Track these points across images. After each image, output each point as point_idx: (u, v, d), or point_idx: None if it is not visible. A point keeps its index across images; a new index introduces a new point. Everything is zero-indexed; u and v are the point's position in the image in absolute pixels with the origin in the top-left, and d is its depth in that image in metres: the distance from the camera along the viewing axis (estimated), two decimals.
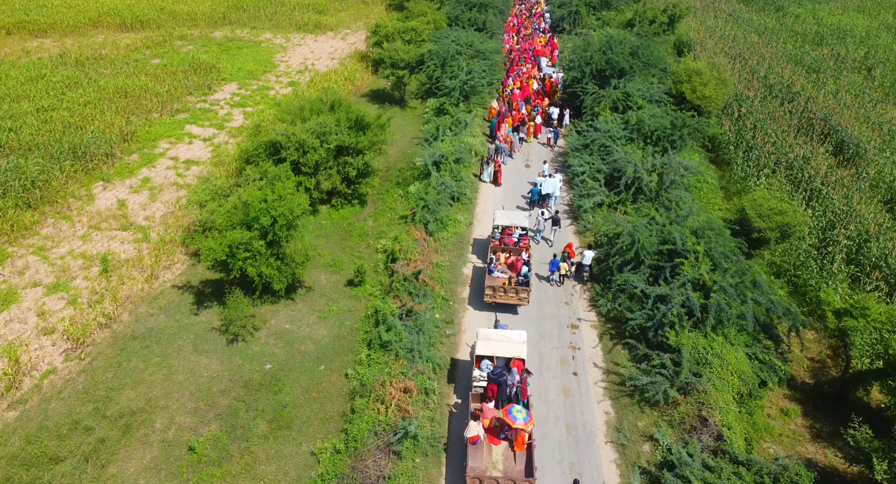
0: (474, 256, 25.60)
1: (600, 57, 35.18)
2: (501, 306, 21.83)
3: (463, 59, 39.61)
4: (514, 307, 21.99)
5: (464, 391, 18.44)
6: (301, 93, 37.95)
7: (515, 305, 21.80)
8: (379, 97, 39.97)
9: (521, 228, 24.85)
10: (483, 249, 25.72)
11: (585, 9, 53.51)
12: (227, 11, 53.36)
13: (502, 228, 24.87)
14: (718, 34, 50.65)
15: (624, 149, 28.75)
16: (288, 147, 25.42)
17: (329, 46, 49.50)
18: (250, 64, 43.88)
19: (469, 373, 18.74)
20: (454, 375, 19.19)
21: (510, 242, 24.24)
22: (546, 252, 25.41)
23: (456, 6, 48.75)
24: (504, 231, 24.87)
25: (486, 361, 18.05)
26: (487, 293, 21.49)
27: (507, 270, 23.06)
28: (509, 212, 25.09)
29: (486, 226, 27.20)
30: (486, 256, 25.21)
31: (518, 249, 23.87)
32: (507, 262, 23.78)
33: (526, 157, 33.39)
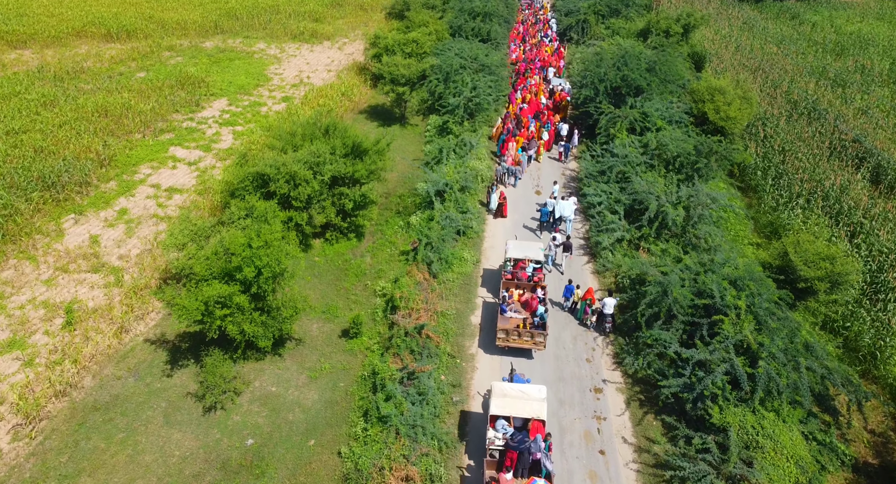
0: (484, 289, 23.50)
1: (615, 73, 32.78)
2: (515, 350, 19.84)
3: (467, 73, 37.25)
4: (528, 351, 19.95)
5: (476, 452, 16.16)
6: (295, 110, 35.54)
7: (530, 349, 19.82)
8: (378, 114, 37.58)
9: (536, 262, 22.83)
10: (493, 282, 23.62)
11: (594, 17, 51.14)
12: (219, 20, 50.99)
13: (515, 261, 22.88)
14: (734, 44, 48.27)
15: (644, 177, 26.34)
16: (277, 179, 23.01)
17: (325, 57, 47.12)
18: (242, 77, 41.48)
19: (482, 430, 16.61)
20: (465, 431, 16.98)
21: (523, 277, 22.31)
22: (558, 280, 23.61)
23: (459, 15, 46.40)
24: (517, 264, 22.90)
25: (501, 421, 15.90)
26: (500, 337, 19.54)
27: (521, 309, 21.15)
28: (523, 243, 23.05)
29: (496, 260, 24.86)
30: (496, 289, 23.27)
31: (532, 285, 21.93)
32: (521, 299, 21.77)
33: (536, 183, 30.96)
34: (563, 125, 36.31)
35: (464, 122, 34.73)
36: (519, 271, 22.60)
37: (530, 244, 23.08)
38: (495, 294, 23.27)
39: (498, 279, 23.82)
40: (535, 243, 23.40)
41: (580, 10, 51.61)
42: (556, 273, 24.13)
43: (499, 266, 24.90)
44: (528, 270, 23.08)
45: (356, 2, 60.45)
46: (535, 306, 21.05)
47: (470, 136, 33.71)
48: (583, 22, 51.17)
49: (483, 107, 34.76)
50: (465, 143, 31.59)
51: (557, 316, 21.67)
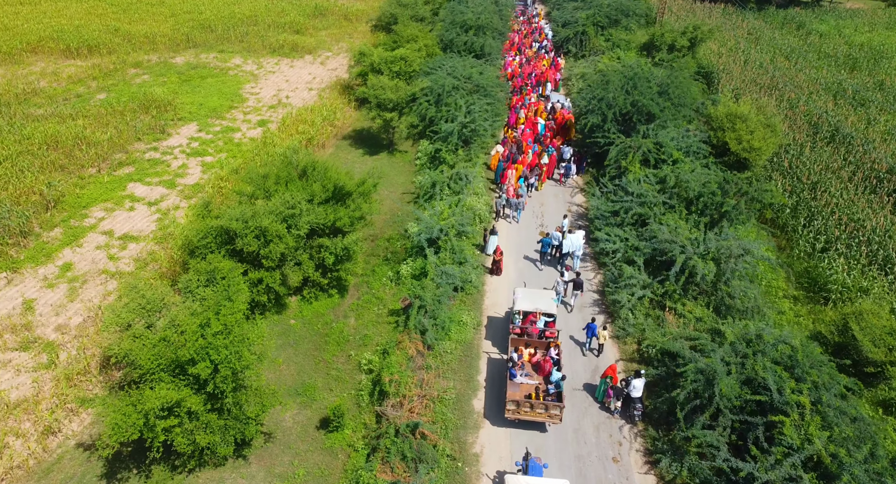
0: (488, 342, 20.72)
1: (624, 98, 29.68)
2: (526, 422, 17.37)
3: (460, 94, 34.01)
4: (541, 423, 17.37)
5: None
6: (271, 138, 32.08)
7: (544, 422, 17.27)
8: (364, 140, 34.24)
9: (548, 315, 20.03)
10: (498, 334, 20.92)
11: (593, 29, 48.13)
12: (191, 32, 47.34)
13: (524, 314, 20.10)
14: (742, 57, 45.48)
15: (665, 221, 23.26)
16: (245, 234, 19.62)
17: (306, 73, 43.68)
18: (214, 98, 37.94)
19: None
20: None
21: (534, 332, 19.61)
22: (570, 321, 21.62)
23: (450, 28, 43.17)
24: (526, 317, 20.11)
25: None
26: (509, 409, 16.98)
27: (532, 373, 18.68)
28: (532, 292, 20.30)
29: (499, 314, 21.75)
30: (501, 341, 20.56)
31: (545, 343, 19.22)
32: (533, 360, 19.09)
33: (539, 219, 27.78)
34: (566, 149, 33.36)
35: (458, 150, 31.51)
36: (529, 325, 19.88)
37: (541, 293, 20.30)
38: (501, 347, 20.47)
39: (503, 331, 21.05)
40: (547, 293, 20.56)
41: (578, 22, 48.56)
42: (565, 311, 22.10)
43: (505, 313, 22.01)
44: (538, 323, 20.21)
45: (340, 11, 57.06)
46: (548, 370, 18.45)
47: (465, 167, 30.54)
48: (581, 34, 48.13)
49: (479, 133, 31.55)
50: (460, 177, 28.35)
51: (576, 396, 18.45)
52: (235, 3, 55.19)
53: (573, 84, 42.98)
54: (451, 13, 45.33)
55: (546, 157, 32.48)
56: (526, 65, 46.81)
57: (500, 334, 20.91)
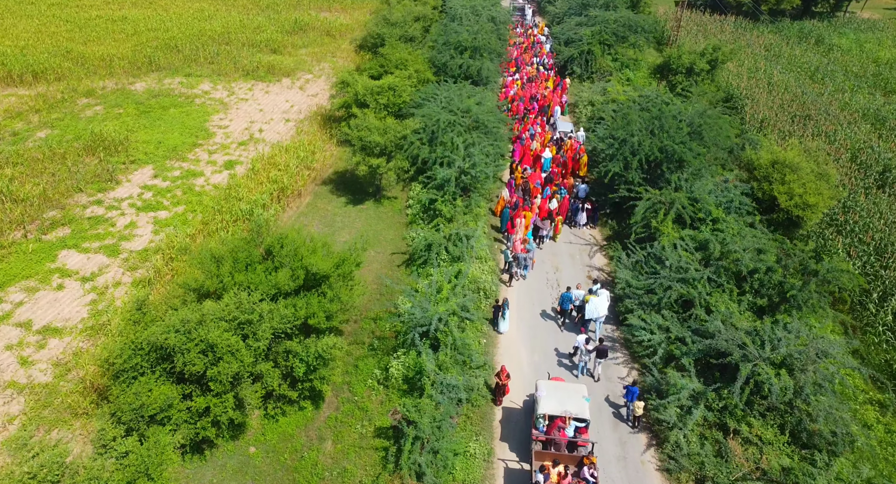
0: (504, 444, 16.96)
1: (650, 142, 25.33)
2: None
3: (457, 132, 29.58)
4: None
5: None
6: (237, 189, 27.39)
7: None
8: (346, 185, 29.65)
9: (580, 420, 16.34)
10: (517, 432, 17.29)
11: (599, 47, 43.86)
12: (155, 54, 42.48)
13: (550, 419, 16.41)
14: (765, 78, 41.40)
15: (714, 304, 18.90)
16: (188, 350, 15.03)
17: (283, 100, 39.01)
18: (175, 134, 33.17)
19: None
20: None
21: (562, 438, 15.95)
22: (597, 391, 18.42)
23: (443, 50, 38.70)
24: (553, 422, 16.35)
25: None
26: None
27: None
28: (559, 387, 16.65)
29: (516, 404, 17.49)
30: (519, 442, 16.92)
31: (576, 458, 15.59)
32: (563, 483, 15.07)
33: (553, 275, 23.38)
34: (581, 187, 29.26)
35: (456, 198, 27.05)
36: (556, 432, 16.11)
37: (570, 390, 16.51)
38: (519, 451, 16.64)
39: (523, 429, 17.21)
40: (577, 389, 16.65)
41: (582, 40, 44.25)
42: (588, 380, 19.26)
43: (523, 403, 18.33)
44: (568, 429, 16.32)
45: (322, 26, 52.40)
46: None
47: (465, 220, 26.16)
48: (587, 53, 43.83)
49: (480, 180, 27.10)
50: (460, 238, 23.84)
51: None
52: (206, 20, 50.38)
53: (580, 111, 38.69)
54: (445, 32, 40.86)
55: (555, 202, 28.23)
56: (528, 85, 42.48)
57: (518, 435, 17.03)
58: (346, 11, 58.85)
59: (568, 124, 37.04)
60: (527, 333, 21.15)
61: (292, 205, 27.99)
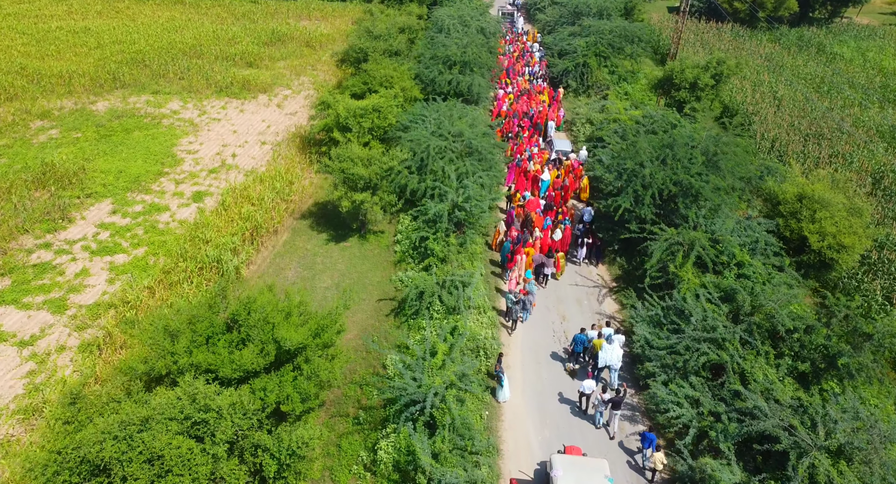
0: None
1: (662, 174, 22.89)
2: None
3: (448, 159, 27.00)
4: None
5: None
6: (204, 228, 24.51)
7: None
8: (328, 218, 26.91)
9: None
10: None
11: (595, 60, 41.51)
12: (119, 69, 39.35)
13: None
14: (769, 92, 39.34)
15: (748, 370, 16.47)
16: (128, 460, 12.24)
17: (259, 120, 36.14)
18: (139, 161, 30.20)
19: None
20: None
21: None
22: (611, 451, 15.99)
23: (430, 65, 36.07)
24: None
25: None
26: None
27: None
28: (577, 464, 14.89)
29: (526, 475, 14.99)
30: None
31: None
32: None
33: (559, 319, 20.88)
34: (586, 210, 27.12)
35: (449, 235, 24.47)
36: None
37: (589, 468, 14.66)
38: None
39: None
40: (598, 465, 14.78)
41: (577, 52, 41.90)
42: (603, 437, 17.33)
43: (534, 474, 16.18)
44: None
45: (301, 37, 49.52)
46: None
47: (460, 262, 23.63)
48: (582, 66, 41.47)
49: (475, 214, 24.51)
50: (455, 285, 21.22)
51: None
52: (176, 31, 47.25)
53: (578, 129, 36.30)
54: (432, 46, 38.24)
55: (559, 232, 25.80)
56: (521, 99, 39.96)
57: None
58: (326, 19, 56.03)
59: (566, 142, 34.66)
60: (533, 400, 18.60)
61: (267, 244, 25.21)
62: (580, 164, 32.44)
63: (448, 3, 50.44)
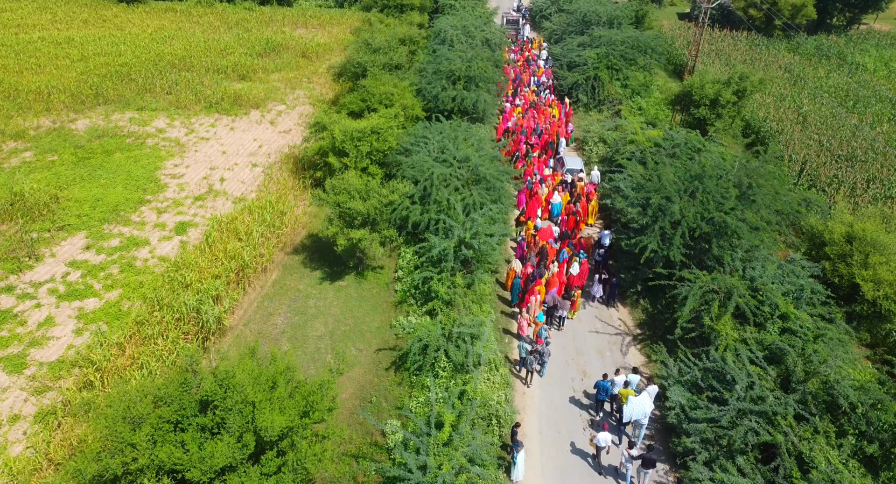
0: None
1: (693, 210, 20.56)
2: None
3: (453, 187, 24.74)
4: None
5: None
6: (185, 267, 22.19)
7: None
8: (322, 253, 24.60)
9: None
10: None
11: (607, 73, 39.24)
12: (102, 84, 37.05)
13: None
14: (792, 106, 37.02)
15: (812, 459, 14.15)
16: None
17: (250, 139, 33.85)
18: (118, 188, 27.90)
19: None
20: None
21: None
22: None
23: (433, 80, 33.77)
24: None
25: None
26: None
27: None
28: None
29: None
30: None
31: None
32: None
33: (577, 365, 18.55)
34: (603, 234, 25.19)
35: (455, 273, 22.19)
36: None
37: None
38: None
39: None
40: None
41: (587, 64, 39.62)
42: None
43: None
44: None
45: (297, 46, 47.21)
46: None
47: (468, 305, 21.36)
48: (593, 79, 39.19)
49: (485, 253, 22.20)
50: (463, 338, 18.92)
51: None
52: (165, 41, 44.95)
53: (590, 149, 34.02)
54: (435, 60, 35.92)
55: (577, 267, 23.60)
56: (529, 113, 37.64)
57: None
58: (323, 27, 53.76)
59: (577, 160, 32.41)
60: (553, 479, 16.27)
61: (256, 284, 22.89)
62: (594, 186, 30.24)
63: (450, 10, 48.18)
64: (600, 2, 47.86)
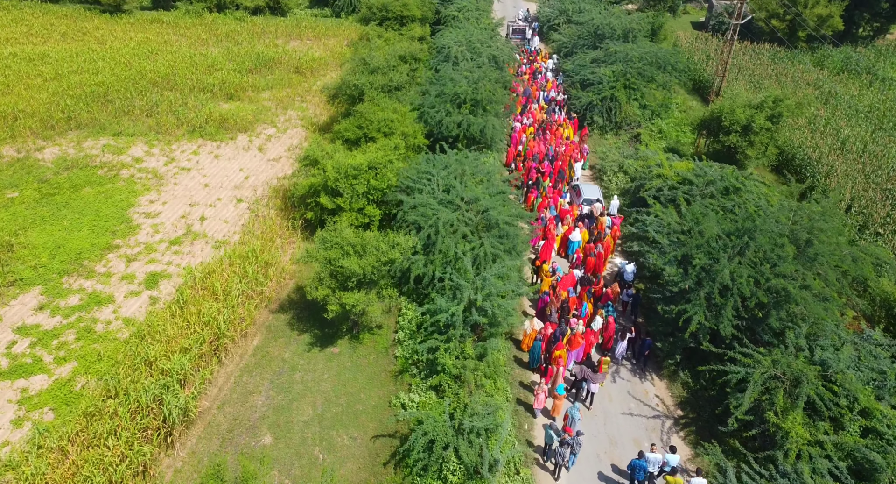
0: None
1: (742, 273, 17.45)
2: None
3: (461, 234, 21.70)
4: None
5: None
6: (152, 334, 19.08)
7: None
8: (312, 312, 21.47)
9: None
10: None
11: (624, 93, 36.17)
12: (75, 106, 33.95)
13: None
14: (830, 132, 33.93)
15: None
16: None
17: (236, 169, 30.76)
18: (84, 230, 24.81)
19: None
20: None
21: None
22: None
23: (437, 105, 30.66)
24: None
25: None
26: None
27: None
28: None
29: None
30: None
31: None
32: None
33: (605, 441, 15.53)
34: (625, 267, 22.62)
35: (465, 340, 19.12)
36: None
37: None
38: None
39: None
40: None
41: (602, 82, 36.53)
42: None
43: None
44: None
45: (290, 61, 44.08)
46: None
47: (479, 382, 18.32)
48: (609, 100, 36.13)
49: (499, 319, 19.09)
50: (477, 433, 15.82)
51: None
52: (148, 56, 41.83)
53: (609, 179, 30.97)
54: (438, 80, 32.81)
55: (600, 320, 20.76)
56: (541, 134, 34.55)
57: None
58: (319, 40, 50.65)
59: (594, 188, 29.45)
60: None
61: (234, 353, 19.79)
62: (619, 219, 27.27)
63: (453, 22, 45.11)
64: (613, 13, 44.79)
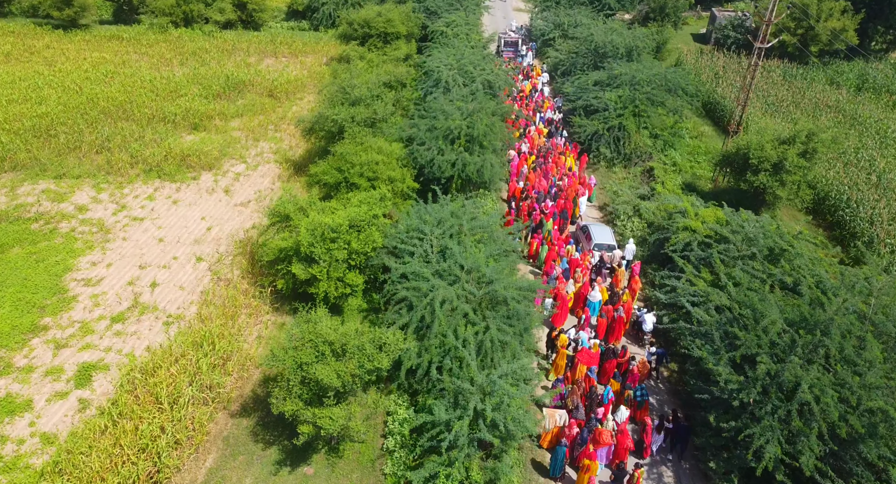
0: None
1: (826, 386, 13.86)
2: None
3: (461, 312, 17.97)
4: None
5: None
6: (74, 465, 15.03)
7: None
8: (281, 415, 17.52)
9: None
10: None
11: (633, 121, 32.64)
12: (12, 143, 29.59)
13: None
14: (865, 167, 30.67)
15: None
16: None
17: (196, 217, 26.70)
18: (6, 307, 20.59)
19: None
20: None
21: None
22: None
23: (429, 140, 26.84)
24: None
25: None
26: None
27: None
28: None
29: None
30: None
31: None
32: None
33: None
34: (646, 317, 19.54)
35: (472, 457, 15.35)
36: None
37: None
38: None
39: None
40: None
41: (609, 109, 32.97)
42: None
43: None
44: None
45: (263, 83, 39.90)
46: None
47: None
48: (617, 129, 32.59)
49: (511, 431, 15.36)
50: None
51: None
52: (102, 80, 37.40)
53: (622, 224, 27.37)
54: (428, 112, 28.94)
55: (624, 411, 17.30)
56: (541, 164, 30.90)
57: None
58: (295, 57, 46.54)
59: (606, 231, 26.06)
60: None
61: (182, 479, 15.80)
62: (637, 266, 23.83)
63: (441, 39, 41.32)
64: (614, 29, 41.27)
